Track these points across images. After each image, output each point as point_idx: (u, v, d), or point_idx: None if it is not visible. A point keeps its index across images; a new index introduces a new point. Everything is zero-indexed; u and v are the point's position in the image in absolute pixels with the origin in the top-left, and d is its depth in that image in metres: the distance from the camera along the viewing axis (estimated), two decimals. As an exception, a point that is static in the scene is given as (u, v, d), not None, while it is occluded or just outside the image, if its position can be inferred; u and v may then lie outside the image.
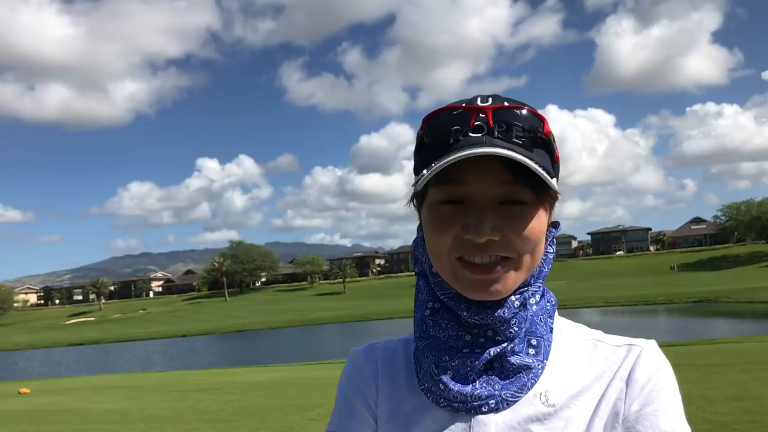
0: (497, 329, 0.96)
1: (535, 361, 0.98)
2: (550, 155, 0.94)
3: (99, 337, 68.97)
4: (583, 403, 0.96)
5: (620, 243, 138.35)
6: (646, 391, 0.94)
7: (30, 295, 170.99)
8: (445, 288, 0.97)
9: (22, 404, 13.56)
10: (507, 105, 0.92)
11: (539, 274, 1.01)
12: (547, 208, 0.97)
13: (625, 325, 37.54)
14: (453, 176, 0.91)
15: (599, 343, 1.02)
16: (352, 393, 1.06)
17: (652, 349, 0.99)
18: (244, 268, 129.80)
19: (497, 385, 0.96)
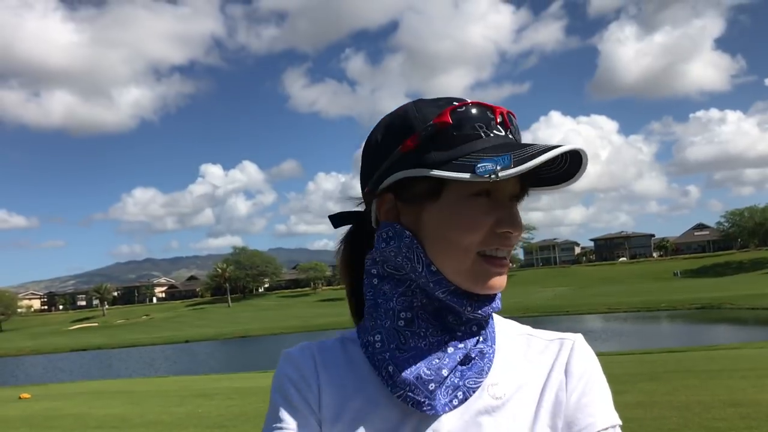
0: (482, 322, 1.00)
1: (485, 346, 1.00)
2: None
3: (102, 342, 69.08)
4: (526, 395, 0.98)
5: (623, 249, 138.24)
6: (583, 381, 0.99)
7: (34, 300, 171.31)
8: (444, 285, 0.96)
9: (22, 409, 13.59)
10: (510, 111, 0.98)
11: None
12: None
13: (627, 331, 37.50)
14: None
15: (531, 338, 1.06)
16: (291, 396, 1.00)
17: (582, 341, 1.04)
18: (248, 274, 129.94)
19: (457, 374, 0.97)
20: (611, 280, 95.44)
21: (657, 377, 10.57)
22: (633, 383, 10.03)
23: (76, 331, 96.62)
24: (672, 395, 8.70)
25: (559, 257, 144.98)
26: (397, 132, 0.97)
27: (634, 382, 10.09)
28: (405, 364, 0.96)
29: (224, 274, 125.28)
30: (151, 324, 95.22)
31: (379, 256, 1.01)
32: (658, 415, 7.44)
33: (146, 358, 47.82)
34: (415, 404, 0.95)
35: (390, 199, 0.99)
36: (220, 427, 9.31)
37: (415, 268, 0.97)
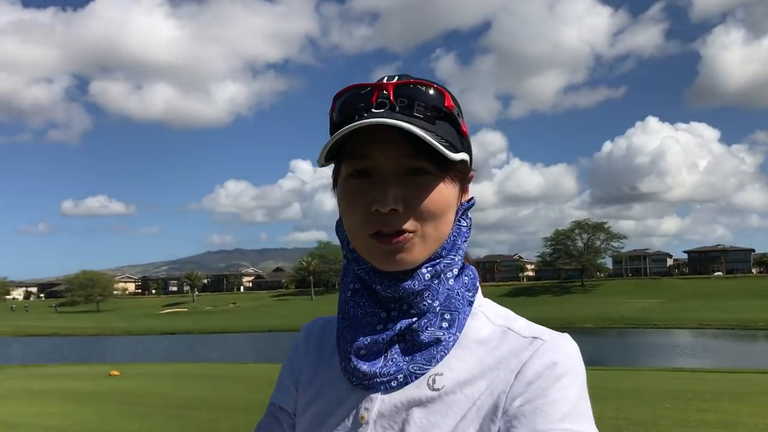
0: (411, 302, 0.97)
1: (447, 334, 0.97)
2: (455, 128, 0.97)
3: (190, 327, 71.59)
4: (471, 391, 0.94)
5: (719, 263, 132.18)
6: (533, 387, 0.91)
7: (129, 283, 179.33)
8: (362, 263, 0.99)
9: (111, 385, 14.29)
10: (411, 81, 0.94)
11: (452, 247, 1.01)
12: (454, 180, 0.98)
13: (717, 348, 35.90)
14: (359, 151, 0.94)
15: (509, 332, 0.99)
16: (286, 365, 1.14)
17: (556, 343, 0.95)
18: (331, 268, 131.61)
19: (405, 359, 0.97)
20: (704, 294, 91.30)
21: (743, 398, 10.07)
22: (717, 401, 9.62)
23: (166, 315, 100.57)
24: (758, 417, 8.29)
25: (649, 268, 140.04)
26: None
27: (718, 401, 9.68)
28: (344, 333, 1.02)
29: (309, 268, 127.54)
30: (237, 312, 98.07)
31: (337, 235, 1.08)
32: (740, 437, 7.11)
33: (230, 344, 49.32)
34: (351, 379, 0.99)
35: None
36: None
37: (345, 247, 1.04)
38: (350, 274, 1.05)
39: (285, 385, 1.11)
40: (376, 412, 0.96)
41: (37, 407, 10.93)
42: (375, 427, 0.95)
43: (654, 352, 33.87)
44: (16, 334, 69.21)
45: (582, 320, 58.76)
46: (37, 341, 57.90)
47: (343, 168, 0.97)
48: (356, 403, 0.98)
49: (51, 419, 9.66)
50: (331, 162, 1.00)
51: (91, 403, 11.28)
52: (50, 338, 62.32)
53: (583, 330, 50.85)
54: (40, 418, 9.82)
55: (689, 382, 12.44)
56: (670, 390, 11.17)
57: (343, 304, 1.05)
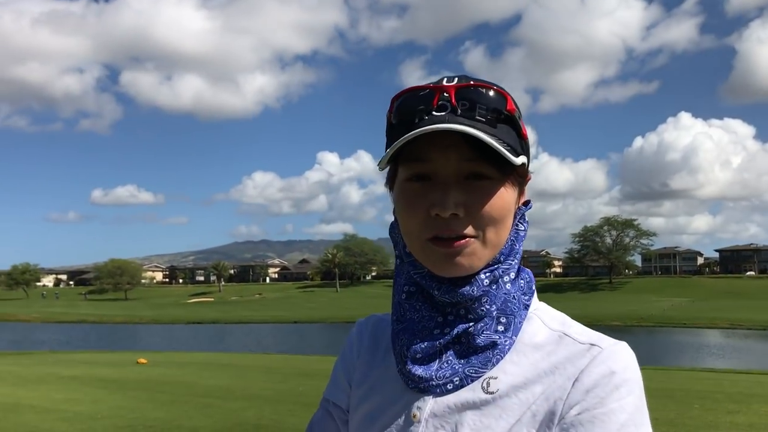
0: (468, 307, 0.97)
1: (503, 337, 0.97)
2: (516, 132, 0.96)
3: (216, 317, 72.25)
4: (525, 395, 0.94)
5: (752, 262, 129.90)
6: (591, 395, 0.90)
7: (156, 272, 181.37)
8: (419, 267, 0.99)
9: (138, 373, 14.45)
10: (472, 84, 0.93)
11: (510, 251, 1.00)
12: (514, 185, 0.97)
13: (747, 348, 35.32)
14: (418, 155, 0.93)
15: (565, 338, 0.98)
16: (339, 361, 1.15)
17: (614, 352, 0.94)
18: (356, 261, 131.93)
19: (461, 362, 0.97)
20: (736, 294, 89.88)
21: (775, 400, 9.88)
22: (747, 403, 9.45)
23: (193, 304, 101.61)
24: (790, 420, 8.12)
25: (679, 266, 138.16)
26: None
27: (749, 403, 9.50)
28: (399, 336, 1.02)
29: (334, 260, 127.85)
30: (263, 302, 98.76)
31: (391, 237, 1.09)
32: (773, 440, 6.97)
33: (256, 334, 49.67)
34: (406, 382, 1.00)
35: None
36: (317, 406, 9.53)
37: (401, 250, 1.04)
38: (404, 275, 1.05)
39: (338, 382, 1.13)
40: (428, 411, 0.96)
41: (67, 393, 11.09)
42: (427, 426, 0.96)
43: (683, 351, 33.45)
44: (46, 320, 70.47)
45: (609, 318, 58.15)
46: (66, 328, 58.89)
47: (402, 170, 0.97)
48: (409, 402, 0.99)
49: (80, 405, 9.79)
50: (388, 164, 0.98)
51: (118, 390, 11.41)
52: (79, 325, 63.34)
53: (611, 328, 50.34)
54: (69, 403, 9.95)
55: (719, 383, 12.24)
56: (699, 390, 11.00)
57: (398, 306, 1.04)
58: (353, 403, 1.08)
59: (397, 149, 0.92)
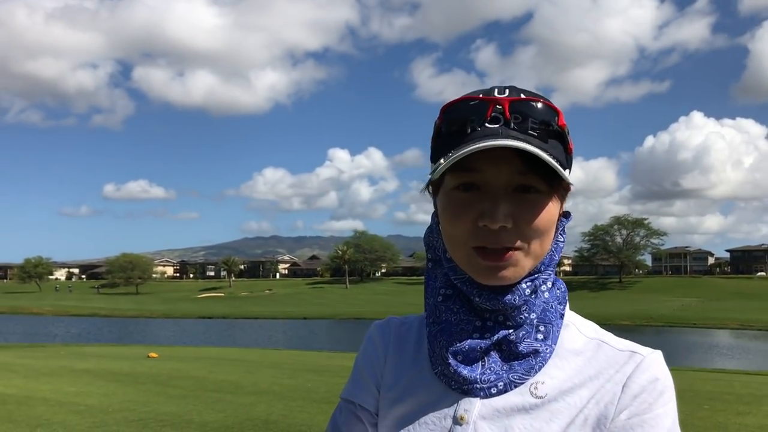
0: (508, 315, 1.00)
1: (543, 345, 1.01)
2: (564, 147, 0.98)
3: (226, 312, 72.52)
4: (573, 399, 0.97)
5: (763, 263, 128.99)
6: (639, 400, 0.95)
7: (167, 267, 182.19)
8: (459, 273, 1.01)
9: (149, 367, 14.54)
10: (523, 97, 0.95)
11: (550, 262, 1.04)
12: (559, 198, 1.00)
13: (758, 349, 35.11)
14: (469, 164, 0.94)
15: (603, 345, 1.03)
16: (363, 364, 1.15)
17: (654, 359, 0.99)
18: (366, 257, 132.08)
19: (504, 368, 0.99)
20: (746, 294, 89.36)
21: (786, 402, 9.84)
22: (758, 405, 9.42)
23: (203, 299, 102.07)
24: (800, 422, 8.10)
25: (690, 266, 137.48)
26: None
27: (759, 404, 9.48)
28: (437, 337, 1.04)
29: (344, 256, 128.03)
30: (272, 298, 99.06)
31: (427, 240, 1.11)
32: (782, 442, 6.96)
33: (265, 330, 49.86)
34: (449, 383, 1.01)
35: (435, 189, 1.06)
36: (326, 402, 9.57)
37: (440, 255, 1.06)
38: (440, 279, 1.07)
39: (364, 385, 1.12)
40: (476, 414, 0.98)
41: (78, 386, 11.18)
42: (476, 429, 0.97)
43: (693, 351, 33.31)
44: (58, 313, 70.97)
45: (619, 317, 57.96)
46: (78, 321, 59.31)
47: (449, 179, 0.97)
48: (453, 404, 1.00)
49: (91, 398, 9.87)
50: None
51: (130, 384, 11.50)
52: (90, 319, 63.78)
53: (621, 327, 50.16)
54: (81, 396, 10.04)
55: (729, 384, 12.20)
56: (709, 391, 10.97)
57: (434, 308, 1.06)
58: (384, 406, 1.08)
59: (441, 154, 0.95)
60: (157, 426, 7.87)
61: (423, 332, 1.11)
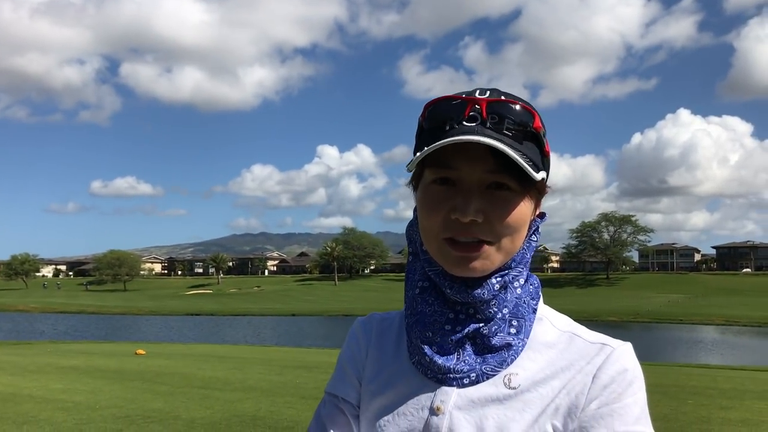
0: (478, 308, 1.05)
1: (516, 339, 1.05)
2: (539, 149, 1.02)
3: (215, 309, 72.35)
4: (545, 390, 1.02)
5: (748, 260, 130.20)
6: (608, 390, 0.99)
7: (155, 264, 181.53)
8: (433, 265, 1.06)
9: (137, 364, 14.51)
10: (502, 99, 0.99)
11: (521, 260, 1.08)
12: (532, 198, 1.04)
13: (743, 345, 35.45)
14: (446, 160, 0.99)
15: (575, 337, 1.07)
16: (346, 358, 1.20)
17: (624, 351, 1.04)
18: (355, 254, 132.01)
19: (478, 360, 1.04)
20: (732, 291, 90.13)
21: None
22: (740, 399, 9.54)
23: (191, 296, 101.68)
24: (782, 416, 8.20)
25: (676, 263, 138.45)
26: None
27: (742, 399, 9.60)
28: (413, 327, 1.10)
29: (333, 253, 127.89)
30: (261, 295, 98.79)
31: (408, 234, 1.16)
32: (764, 435, 7.05)
33: (254, 327, 49.80)
34: (425, 372, 1.07)
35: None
36: (314, 398, 9.60)
37: (418, 248, 1.11)
38: (418, 271, 1.12)
39: (347, 378, 1.17)
40: (452, 404, 1.03)
41: (65, 383, 11.15)
42: (451, 419, 1.02)
43: (678, 347, 33.60)
44: (45, 310, 70.58)
45: (606, 313, 58.34)
46: (65, 318, 59.01)
47: (428, 173, 1.03)
48: (430, 395, 1.05)
49: (78, 395, 9.85)
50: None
51: (117, 381, 11.47)
52: (78, 316, 63.47)
53: (608, 324, 50.50)
54: (67, 393, 10.02)
55: (713, 379, 12.33)
56: (693, 386, 11.09)
57: (411, 300, 1.11)
58: (365, 399, 1.13)
59: (426, 153, 0.99)
60: (144, 422, 7.87)
61: (403, 326, 1.16)
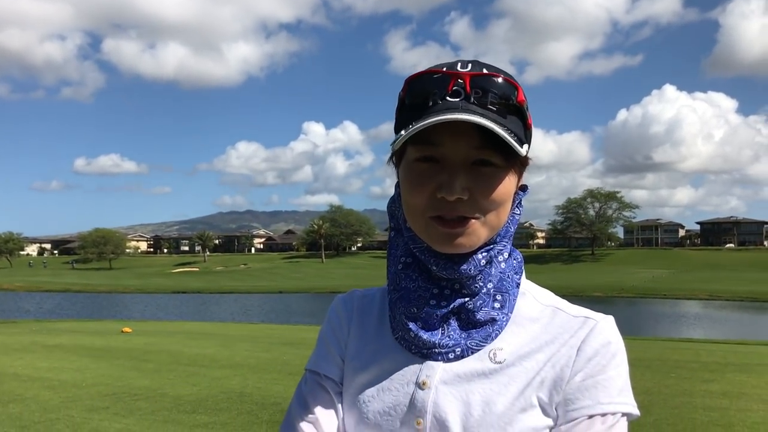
0: (464, 283, 1.05)
1: (500, 314, 1.06)
2: (522, 122, 1.00)
3: (201, 286, 72.19)
4: (530, 363, 1.03)
5: (731, 235, 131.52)
6: (593, 363, 1.01)
7: (141, 242, 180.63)
8: (418, 242, 1.05)
9: (123, 342, 14.49)
10: (485, 72, 0.98)
11: (505, 234, 1.08)
12: (516, 172, 1.03)
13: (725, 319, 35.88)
14: (429, 137, 0.97)
15: (558, 311, 1.08)
16: (327, 335, 1.19)
17: (606, 324, 1.05)
18: (342, 232, 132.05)
19: (463, 335, 1.05)
20: (716, 266, 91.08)
21: (748, 369, 10.11)
22: (722, 372, 9.67)
23: (177, 274, 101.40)
24: (763, 389, 8.33)
25: (661, 239, 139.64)
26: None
27: (724, 372, 9.73)
28: (396, 304, 1.09)
29: (320, 231, 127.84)
30: (248, 273, 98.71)
31: (390, 210, 1.16)
32: (744, 407, 7.16)
33: (241, 304, 49.74)
34: (409, 347, 1.07)
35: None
36: (301, 374, 9.62)
37: (401, 224, 1.10)
38: (401, 247, 1.11)
39: (330, 355, 1.16)
40: (438, 379, 1.03)
41: (51, 361, 11.13)
42: (437, 393, 1.03)
43: (662, 322, 33.95)
44: (30, 289, 70.17)
45: (591, 289, 58.76)
46: (51, 297, 58.71)
47: (411, 151, 1.01)
48: (415, 370, 1.05)
49: (64, 373, 9.84)
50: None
51: (103, 359, 11.46)
52: (63, 294, 63.15)
53: (593, 299, 50.92)
54: (53, 372, 10.00)
55: (696, 353, 12.49)
56: (676, 360, 11.23)
57: (395, 276, 1.11)
58: (348, 375, 1.12)
59: (404, 127, 0.97)
60: (130, 400, 7.88)
61: (385, 303, 1.15)
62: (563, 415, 1.00)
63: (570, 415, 1.00)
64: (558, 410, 1.01)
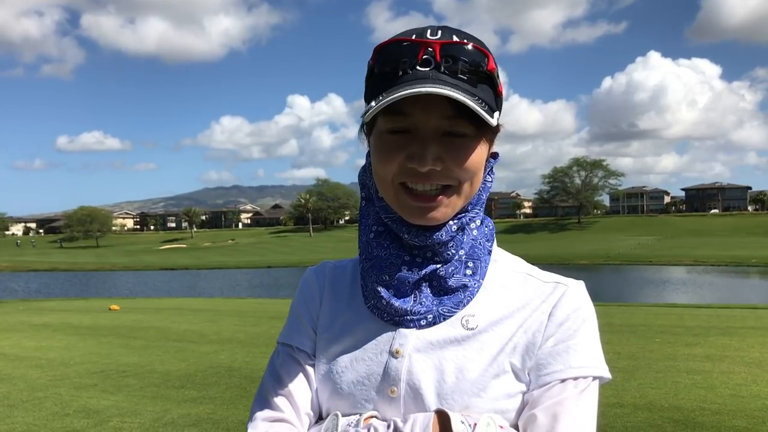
0: (436, 251, 1.05)
1: (472, 280, 1.07)
2: (493, 90, 1.00)
3: (189, 263, 72.10)
4: (502, 329, 1.04)
5: (716, 201, 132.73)
6: (564, 327, 1.03)
7: (127, 220, 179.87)
8: (389, 212, 1.05)
9: (111, 319, 14.47)
10: (455, 40, 0.96)
11: (477, 201, 1.08)
12: (488, 141, 1.03)
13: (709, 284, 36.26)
14: (400, 108, 0.96)
15: (529, 278, 1.10)
16: (299, 307, 1.19)
17: (577, 289, 1.07)
18: (329, 205, 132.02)
19: (435, 301, 1.05)
20: (701, 232, 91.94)
21: (732, 332, 10.25)
22: (705, 336, 9.80)
23: (165, 250, 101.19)
24: (745, 351, 8.46)
25: (647, 206, 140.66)
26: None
27: (707, 336, 9.86)
28: (368, 272, 1.09)
29: (307, 205, 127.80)
30: (235, 248, 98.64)
31: (361, 179, 1.16)
32: (727, 370, 7.27)
33: (229, 280, 49.72)
34: (381, 315, 1.07)
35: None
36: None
37: (372, 194, 1.11)
38: (372, 216, 1.12)
39: (302, 328, 1.16)
40: (411, 347, 1.04)
41: (38, 340, 11.10)
42: (410, 361, 1.03)
43: (647, 288, 34.27)
44: (16, 269, 69.79)
45: (578, 257, 59.24)
46: (38, 276, 58.43)
47: (382, 122, 1.00)
48: (388, 338, 1.06)
49: (52, 352, 9.83)
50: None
51: (91, 337, 11.45)
52: (50, 273, 62.86)
53: (579, 267, 51.36)
54: (41, 350, 9.99)
55: (680, 318, 12.63)
56: (660, 325, 11.36)
57: (366, 245, 1.11)
58: (321, 347, 1.12)
59: (374, 97, 0.97)
60: (119, 376, 7.89)
61: (357, 273, 1.15)
62: (536, 380, 1.02)
63: (542, 379, 1.01)
64: (530, 375, 1.02)
